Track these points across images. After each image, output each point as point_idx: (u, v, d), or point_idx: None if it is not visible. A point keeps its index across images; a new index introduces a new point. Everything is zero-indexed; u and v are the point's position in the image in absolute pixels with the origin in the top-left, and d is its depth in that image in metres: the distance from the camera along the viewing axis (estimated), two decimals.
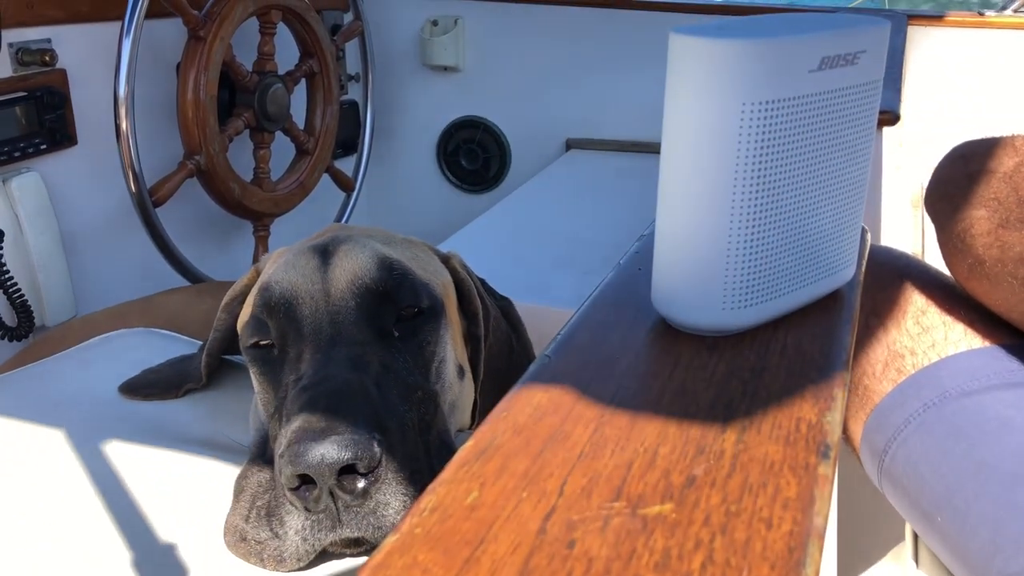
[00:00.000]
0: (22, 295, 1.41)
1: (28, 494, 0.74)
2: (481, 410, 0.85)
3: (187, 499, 0.73)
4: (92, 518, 0.71)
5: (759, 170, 0.45)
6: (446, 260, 0.88)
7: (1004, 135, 0.70)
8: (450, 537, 0.32)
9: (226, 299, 0.87)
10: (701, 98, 0.44)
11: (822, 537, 0.33)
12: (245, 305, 0.81)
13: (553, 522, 0.33)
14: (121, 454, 0.79)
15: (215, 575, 0.66)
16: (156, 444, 0.81)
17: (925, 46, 2.00)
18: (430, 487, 0.35)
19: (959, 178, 0.71)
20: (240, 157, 1.80)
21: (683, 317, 0.49)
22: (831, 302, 0.54)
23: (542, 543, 0.32)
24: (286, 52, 1.88)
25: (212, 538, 0.69)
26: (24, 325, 1.42)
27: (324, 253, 0.78)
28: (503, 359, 0.88)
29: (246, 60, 1.76)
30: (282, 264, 0.78)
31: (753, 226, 0.46)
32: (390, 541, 0.32)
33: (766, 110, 0.44)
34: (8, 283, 1.38)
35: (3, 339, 1.40)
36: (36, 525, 0.71)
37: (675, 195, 0.47)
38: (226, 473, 0.74)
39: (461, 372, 0.82)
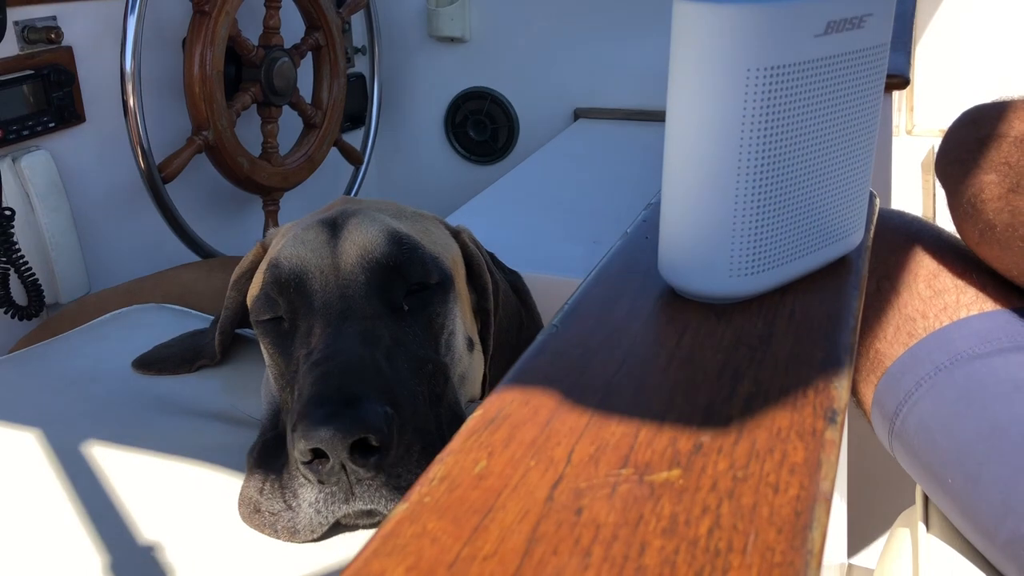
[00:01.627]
0: (33, 275, 1.42)
1: (45, 470, 0.75)
2: (491, 384, 0.85)
3: (201, 472, 0.74)
4: (108, 492, 0.72)
5: (764, 136, 0.44)
6: (456, 234, 0.88)
7: (1015, 98, 0.70)
8: (459, 506, 0.33)
9: (234, 276, 0.88)
10: (706, 64, 0.44)
11: (829, 501, 0.33)
12: (254, 280, 0.82)
13: (561, 490, 0.33)
14: (135, 429, 0.80)
15: (230, 548, 0.67)
16: (170, 419, 0.82)
17: (936, 8, 1.97)
18: (439, 457, 0.36)
19: (970, 142, 0.70)
20: (248, 132, 1.80)
21: (690, 285, 0.49)
22: (839, 267, 0.53)
23: (550, 511, 0.32)
24: (292, 26, 1.87)
25: (226, 510, 0.70)
26: (34, 304, 1.43)
27: (333, 227, 0.78)
28: (513, 333, 0.89)
29: (252, 34, 1.75)
30: (291, 239, 0.78)
31: (759, 193, 0.46)
32: (400, 510, 0.32)
33: (771, 76, 0.43)
34: (19, 262, 1.39)
35: (13, 318, 1.40)
36: (53, 500, 0.72)
37: (681, 163, 0.47)
38: (239, 446, 0.75)
39: (471, 345, 0.82)
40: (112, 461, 0.75)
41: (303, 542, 0.66)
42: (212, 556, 0.66)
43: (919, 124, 2.01)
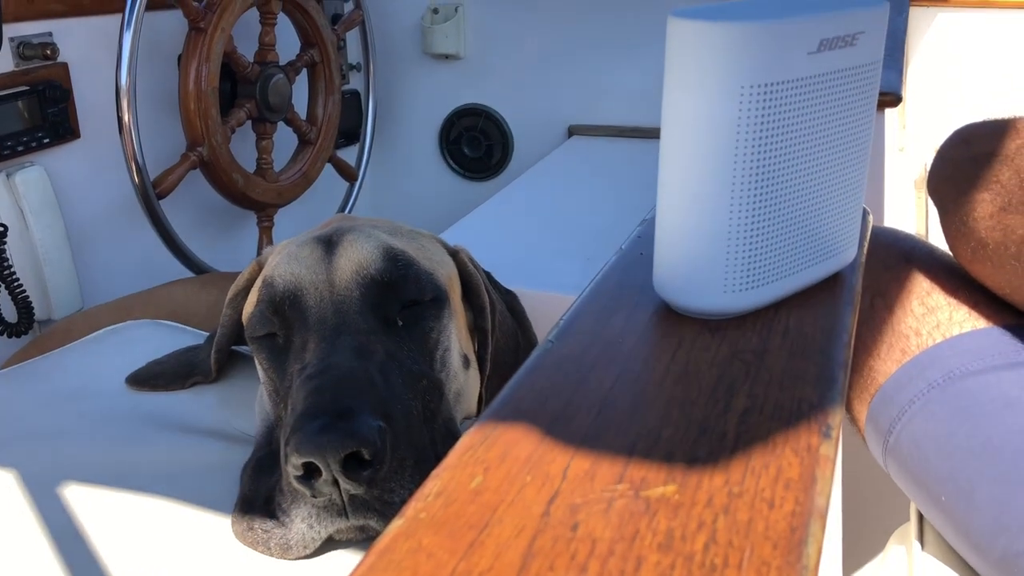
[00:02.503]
0: (24, 291, 1.41)
1: (38, 487, 0.75)
2: (488, 403, 0.85)
3: (195, 489, 0.73)
4: (101, 509, 0.71)
5: (758, 153, 0.45)
6: (454, 254, 0.88)
7: (1008, 117, 0.70)
8: (455, 521, 0.33)
9: (230, 294, 0.88)
10: (700, 81, 0.44)
11: (824, 517, 0.33)
12: (250, 297, 0.82)
13: (557, 505, 0.33)
14: (129, 445, 0.80)
15: (223, 565, 0.67)
16: (164, 435, 0.82)
17: (928, 27, 1.99)
18: (435, 472, 0.36)
19: (962, 161, 0.71)
20: (243, 148, 1.81)
21: (684, 301, 0.49)
22: (832, 284, 0.54)
23: (546, 526, 0.32)
24: (287, 42, 1.87)
25: (220, 528, 0.69)
26: (24, 322, 1.42)
27: (328, 244, 0.78)
28: (510, 353, 0.89)
29: (247, 51, 1.76)
30: (286, 256, 0.78)
31: (753, 209, 0.46)
32: (395, 526, 0.32)
33: (765, 93, 0.44)
34: (10, 279, 1.38)
35: (2, 335, 1.40)
36: (44, 518, 0.71)
37: (675, 179, 0.47)
38: (233, 462, 0.75)
39: (466, 362, 0.82)
40: (105, 478, 0.75)
41: (296, 558, 0.66)
42: (205, 573, 0.65)
43: (911, 142, 2.02)
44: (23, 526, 0.70)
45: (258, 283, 0.80)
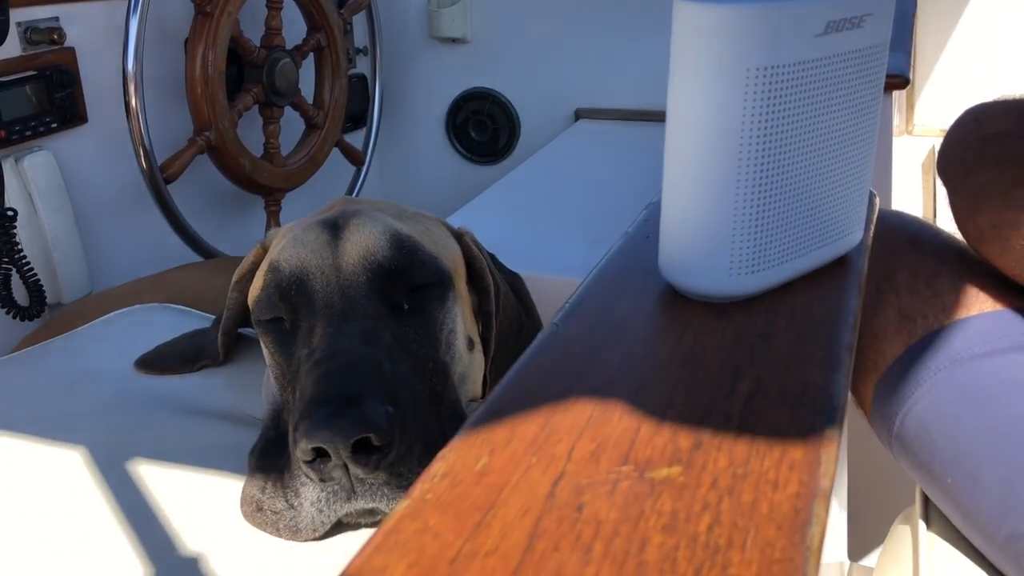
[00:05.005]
0: (35, 275, 1.42)
1: (48, 469, 0.75)
2: (491, 385, 0.85)
3: (203, 472, 0.74)
4: (111, 491, 0.72)
5: (764, 136, 0.45)
6: (459, 236, 0.88)
7: (1017, 96, 0.70)
8: (461, 502, 0.33)
9: (235, 277, 0.88)
10: (706, 64, 0.44)
11: (828, 498, 0.33)
12: (255, 281, 0.82)
13: (562, 486, 0.34)
14: (138, 428, 0.80)
15: (232, 546, 0.67)
16: (172, 418, 0.82)
17: (937, 9, 1.98)
18: (440, 453, 0.36)
19: (972, 140, 0.70)
20: (250, 132, 1.81)
21: (691, 284, 0.49)
22: (839, 267, 0.54)
23: (551, 507, 0.32)
24: (293, 26, 1.87)
25: (229, 509, 0.70)
26: (35, 305, 1.43)
27: (334, 227, 0.78)
28: (513, 335, 0.89)
29: (253, 35, 1.75)
30: (291, 240, 0.78)
31: (759, 192, 0.46)
32: (402, 507, 0.33)
33: (771, 76, 0.44)
34: (21, 262, 1.39)
35: (15, 319, 1.41)
36: (55, 499, 0.72)
37: (681, 162, 0.47)
38: (241, 445, 0.75)
39: (471, 345, 0.82)
40: (115, 460, 0.75)
41: (305, 541, 0.67)
42: (214, 554, 0.66)
43: (919, 124, 2.01)
44: (34, 506, 0.71)
45: (264, 267, 0.80)
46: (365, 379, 0.65)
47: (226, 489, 0.72)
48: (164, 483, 0.73)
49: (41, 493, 0.73)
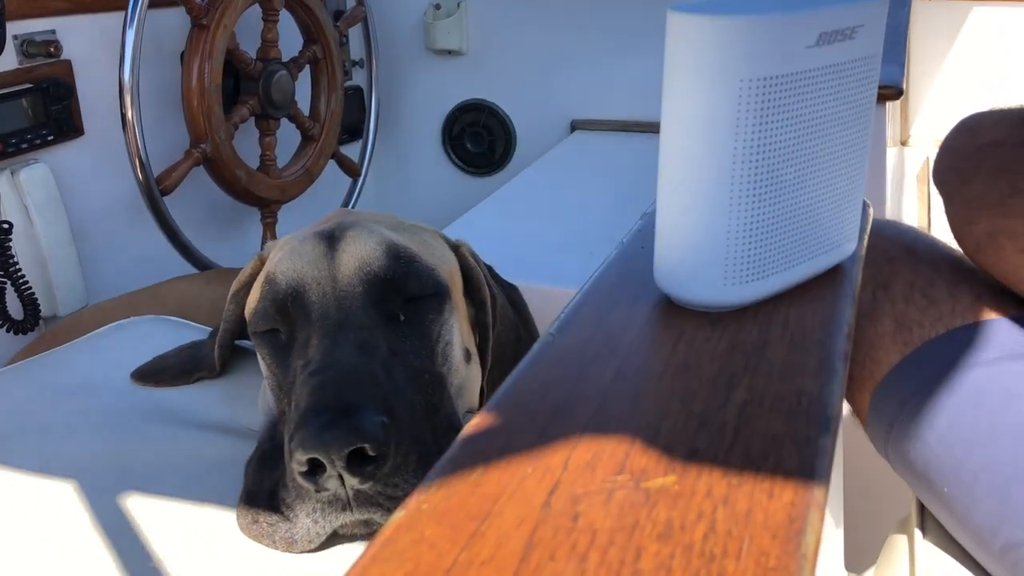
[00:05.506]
0: (30, 288, 1.42)
1: (44, 481, 0.75)
2: (489, 397, 0.85)
3: (199, 483, 0.74)
4: (106, 503, 0.72)
5: (758, 146, 0.45)
6: (456, 248, 0.89)
7: (1012, 107, 0.70)
8: (456, 512, 0.33)
9: (232, 289, 0.88)
10: (699, 75, 0.44)
11: (822, 507, 0.33)
12: (252, 292, 0.82)
13: (557, 496, 0.34)
14: (134, 440, 0.80)
15: (228, 558, 0.67)
16: (169, 430, 0.82)
17: (930, 20, 1.98)
18: (436, 464, 0.36)
19: (967, 150, 0.71)
20: (246, 144, 1.81)
21: (685, 293, 0.49)
22: (833, 276, 0.54)
23: (547, 517, 0.32)
24: (289, 38, 1.87)
25: (224, 520, 0.70)
26: (30, 319, 1.43)
27: (331, 239, 0.79)
28: (510, 347, 0.89)
29: (250, 47, 1.76)
30: (288, 251, 0.79)
31: (753, 202, 0.46)
32: (398, 517, 0.33)
33: (764, 86, 0.44)
34: (16, 275, 1.39)
35: (9, 332, 1.40)
36: (52, 512, 0.72)
37: (675, 172, 0.47)
38: (237, 457, 0.75)
39: (468, 356, 0.82)
40: (110, 472, 0.75)
41: (301, 552, 0.66)
42: (210, 566, 0.66)
43: (914, 135, 2.01)
44: (30, 520, 0.71)
45: (260, 278, 0.80)
46: (360, 390, 0.65)
47: (222, 501, 0.71)
48: (160, 495, 0.73)
49: (37, 506, 0.72)
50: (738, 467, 0.35)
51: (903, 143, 2.02)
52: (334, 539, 0.67)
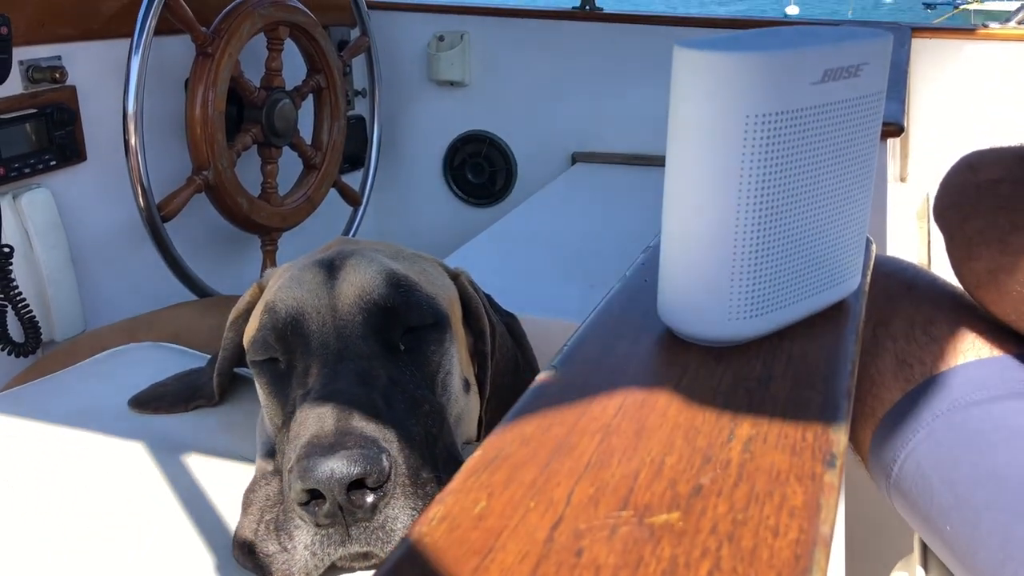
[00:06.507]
0: (30, 311, 1.42)
1: (39, 508, 0.74)
2: (487, 426, 0.85)
3: (196, 513, 0.73)
4: (103, 532, 0.71)
5: (763, 182, 0.45)
6: (455, 277, 0.89)
7: (1012, 145, 0.70)
8: (459, 546, 0.32)
9: (231, 317, 0.88)
10: (705, 110, 0.45)
11: (828, 545, 0.33)
12: (251, 320, 0.82)
13: (561, 531, 0.33)
14: (131, 468, 0.80)
15: None
16: (166, 458, 0.82)
17: (930, 58, 2.00)
18: (438, 497, 0.35)
19: (968, 187, 0.71)
20: (248, 172, 1.81)
21: (689, 328, 0.49)
22: (836, 312, 0.54)
23: (550, 552, 0.32)
24: (293, 68, 1.89)
25: (220, 552, 0.69)
26: (31, 341, 1.43)
27: (330, 268, 0.78)
28: (509, 376, 0.89)
29: (254, 76, 1.77)
30: (287, 280, 0.78)
31: (757, 237, 0.46)
32: (399, 551, 0.32)
33: (769, 122, 0.44)
34: (17, 299, 1.39)
35: (9, 355, 1.40)
36: (46, 538, 0.71)
37: (680, 207, 0.47)
38: (235, 486, 0.75)
39: (467, 386, 0.82)
40: (106, 501, 0.75)
41: None
42: None
43: (913, 172, 2.02)
44: (25, 547, 0.70)
45: (260, 307, 0.80)
46: (360, 420, 0.65)
47: (218, 531, 0.71)
48: (157, 524, 0.72)
49: (34, 532, 0.72)
50: (743, 504, 0.35)
51: (903, 180, 2.03)
52: (332, 572, 0.67)
